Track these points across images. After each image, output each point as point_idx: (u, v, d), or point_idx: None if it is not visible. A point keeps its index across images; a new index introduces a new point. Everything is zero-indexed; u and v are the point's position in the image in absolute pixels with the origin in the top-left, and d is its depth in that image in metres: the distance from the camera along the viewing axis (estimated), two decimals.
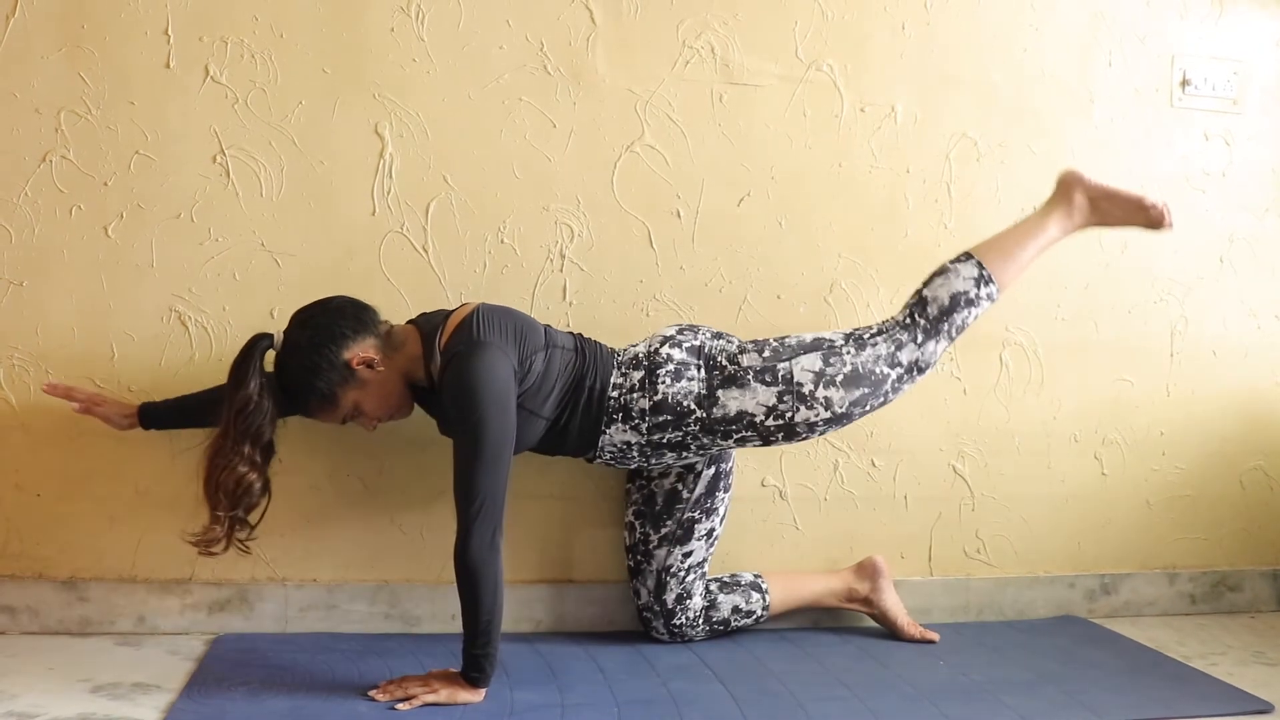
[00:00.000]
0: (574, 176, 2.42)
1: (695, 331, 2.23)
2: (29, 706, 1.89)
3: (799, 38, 2.51)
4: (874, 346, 2.17)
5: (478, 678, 1.97)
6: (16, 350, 2.27)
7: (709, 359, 2.16)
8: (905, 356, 2.17)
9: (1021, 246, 2.24)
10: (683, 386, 2.12)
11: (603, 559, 2.46)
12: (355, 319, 2.05)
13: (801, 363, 2.14)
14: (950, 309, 2.19)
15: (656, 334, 2.25)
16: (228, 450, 1.95)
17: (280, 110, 2.31)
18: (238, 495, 1.95)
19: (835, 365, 2.14)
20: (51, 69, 2.25)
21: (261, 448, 1.98)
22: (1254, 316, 2.78)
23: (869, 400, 2.16)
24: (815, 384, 2.12)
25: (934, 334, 2.18)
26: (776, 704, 2.04)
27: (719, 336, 2.24)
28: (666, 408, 2.12)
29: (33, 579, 2.28)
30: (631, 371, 2.15)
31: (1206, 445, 2.77)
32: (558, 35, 2.40)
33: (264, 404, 1.97)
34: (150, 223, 2.29)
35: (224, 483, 1.94)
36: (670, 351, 2.16)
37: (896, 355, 2.17)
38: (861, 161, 2.55)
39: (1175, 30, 2.69)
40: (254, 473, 1.96)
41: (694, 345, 2.18)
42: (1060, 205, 2.26)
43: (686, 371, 2.14)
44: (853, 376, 2.14)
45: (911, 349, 2.17)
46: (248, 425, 1.95)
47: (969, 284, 2.20)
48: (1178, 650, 2.46)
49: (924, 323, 2.19)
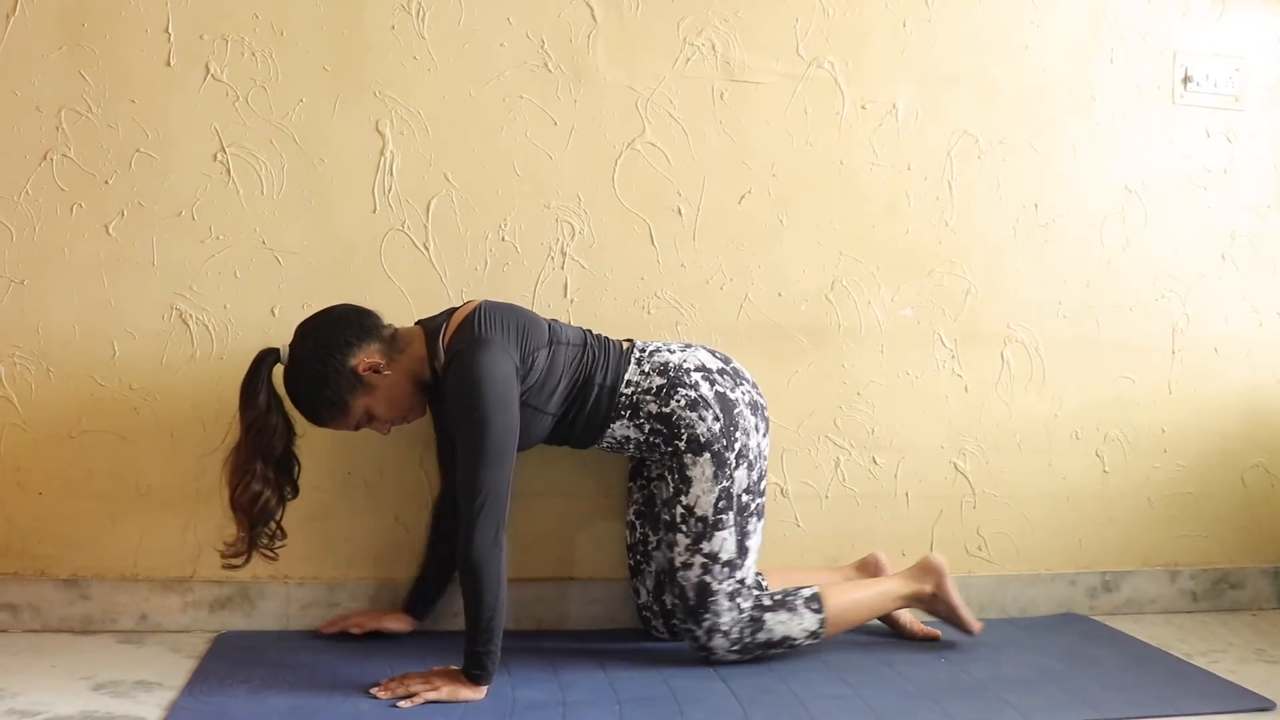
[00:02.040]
0: (575, 174, 2.42)
1: (738, 380, 2.22)
2: (31, 704, 1.89)
3: (800, 35, 2.51)
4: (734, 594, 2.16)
5: (480, 675, 1.97)
6: (18, 348, 2.27)
7: (727, 431, 2.15)
8: (727, 617, 2.16)
9: (863, 616, 2.30)
10: (691, 418, 2.14)
11: (604, 557, 2.46)
12: (358, 325, 2.05)
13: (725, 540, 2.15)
14: (778, 644, 2.20)
15: (695, 347, 2.25)
16: (243, 468, 2.00)
17: (281, 108, 2.31)
18: (254, 512, 2.01)
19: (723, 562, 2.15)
20: (52, 67, 2.24)
21: (275, 463, 2.02)
22: (1256, 314, 2.78)
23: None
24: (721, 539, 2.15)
25: (747, 651, 2.19)
26: (778, 701, 2.04)
27: (755, 409, 2.21)
28: (669, 424, 2.14)
29: (35, 577, 2.29)
30: (654, 375, 2.16)
31: (1208, 443, 2.77)
32: (558, 32, 2.40)
33: (273, 420, 2.00)
34: (151, 221, 2.29)
35: (240, 500, 2.00)
36: (700, 381, 2.17)
37: (732, 602, 2.16)
38: (862, 159, 2.55)
39: (1177, 27, 2.69)
40: (268, 489, 2.00)
41: (728, 399, 2.18)
42: (912, 585, 2.33)
43: (707, 413, 2.14)
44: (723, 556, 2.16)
45: (730, 619, 2.16)
46: (259, 443, 2.00)
47: (803, 635, 2.21)
48: (1179, 648, 2.45)
49: (746, 640, 2.18)
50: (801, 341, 2.54)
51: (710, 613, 2.15)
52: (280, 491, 2.04)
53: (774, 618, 2.19)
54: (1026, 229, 2.64)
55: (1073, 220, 2.66)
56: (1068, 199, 2.65)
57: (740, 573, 2.17)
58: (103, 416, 2.29)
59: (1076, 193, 2.66)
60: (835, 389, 2.56)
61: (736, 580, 2.16)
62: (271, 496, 2.01)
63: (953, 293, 2.60)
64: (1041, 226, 2.64)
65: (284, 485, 2.05)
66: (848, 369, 2.56)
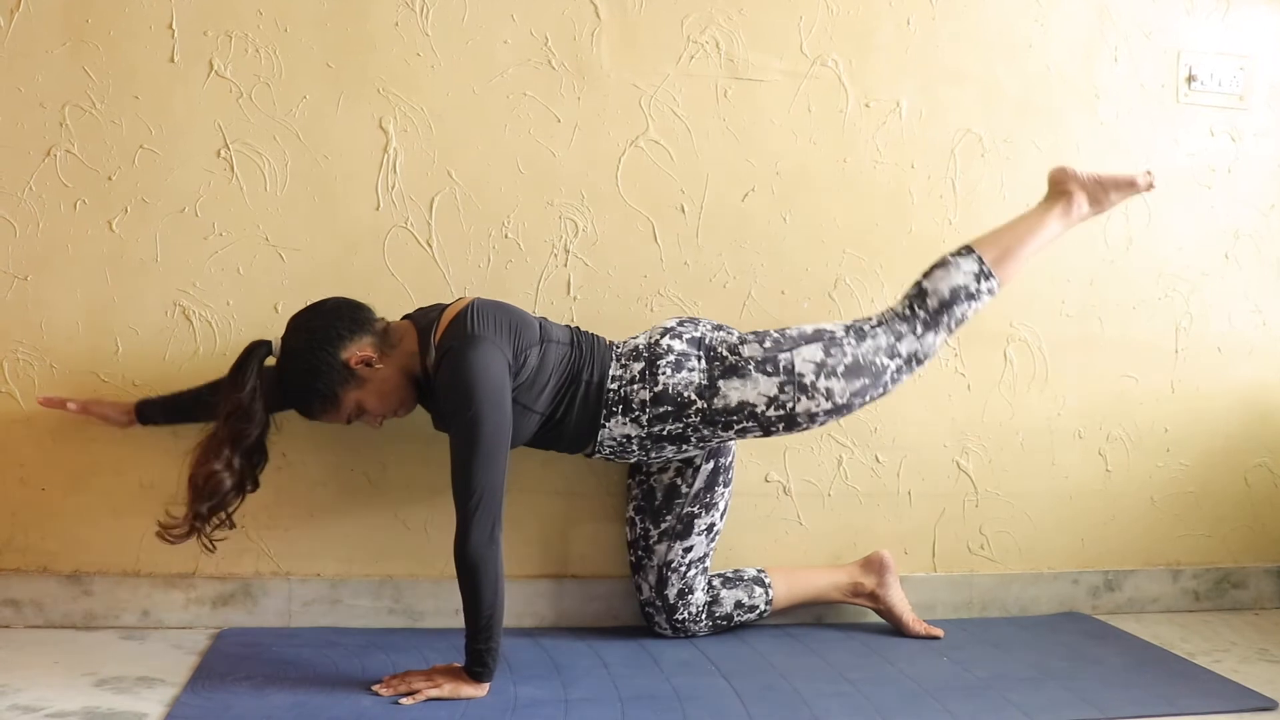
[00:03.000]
0: (578, 171, 2.42)
1: (695, 324, 2.23)
2: (33, 700, 1.90)
3: (804, 32, 2.50)
4: (874, 338, 2.17)
5: (481, 672, 1.97)
6: (21, 345, 2.27)
7: (710, 350, 2.16)
8: (904, 348, 2.18)
9: (1022, 243, 2.25)
10: (683, 377, 2.12)
11: (605, 554, 2.46)
12: (350, 319, 2.05)
13: (803, 353, 2.14)
14: (950, 302, 2.19)
15: (656, 326, 2.25)
16: (210, 449, 1.98)
17: (284, 105, 2.31)
18: (204, 492, 1.97)
19: (836, 356, 2.14)
20: (56, 63, 2.24)
21: (243, 452, 1.99)
22: (1259, 313, 2.78)
23: (869, 391, 2.16)
24: (816, 374, 2.12)
25: (933, 326, 2.19)
26: (780, 699, 2.04)
27: (719, 328, 2.23)
28: (667, 399, 2.12)
29: (37, 573, 2.29)
30: (631, 363, 2.15)
31: (1211, 442, 2.77)
32: (562, 30, 2.40)
33: (254, 409, 1.99)
34: (154, 217, 2.29)
35: (195, 477, 1.98)
36: (671, 343, 2.16)
37: (896, 346, 2.18)
38: (866, 157, 2.55)
39: (1181, 26, 2.69)
40: (226, 473, 1.98)
41: (694, 336, 2.18)
42: (1058, 202, 2.27)
43: (687, 362, 2.14)
44: (853, 367, 2.14)
45: (910, 340, 2.18)
46: (233, 429, 1.98)
47: (969, 278, 2.20)
48: (1182, 647, 2.45)
49: (923, 315, 2.19)
50: None
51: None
52: (240, 481, 2.00)
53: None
54: None
55: None
56: None
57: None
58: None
59: None
60: None
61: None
62: (228, 480, 1.98)
63: None
64: None
65: (245, 476, 2.02)
66: None
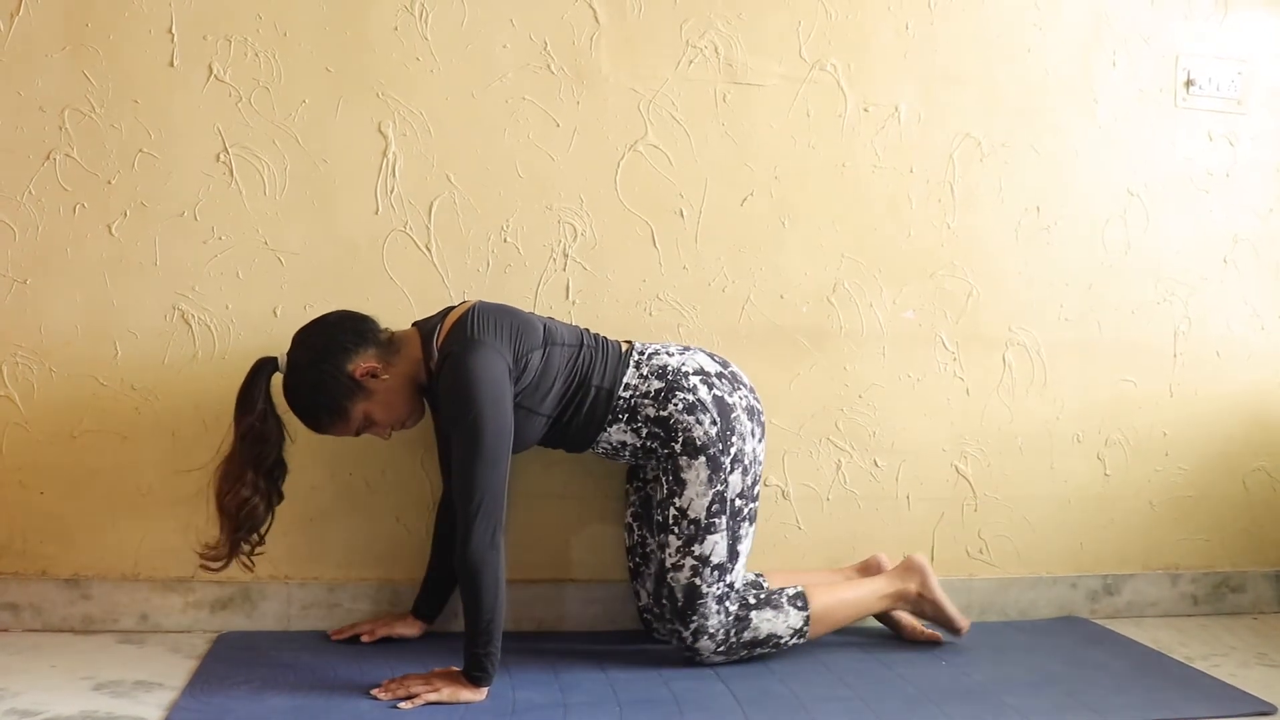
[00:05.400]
0: (577, 176, 2.42)
1: (735, 385, 2.21)
2: (31, 704, 1.89)
3: (802, 37, 2.51)
4: (716, 600, 2.16)
5: (480, 676, 1.97)
6: (20, 348, 2.27)
7: (723, 435, 2.15)
8: (714, 620, 2.17)
9: (849, 614, 2.32)
10: (688, 421, 2.13)
11: (604, 558, 2.46)
12: (354, 331, 2.05)
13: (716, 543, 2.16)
14: (764, 642, 2.21)
15: (694, 350, 2.24)
16: (234, 475, 2.00)
17: (284, 109, 2.31)
18: (240, 519, 2.01)
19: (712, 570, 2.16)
20: (55, 67, 2.25)
21: (265, 472, 2.02)
22: (1257, 317, 2.78)
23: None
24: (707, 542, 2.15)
25: (732, 652, 2.20)
26: (779, 704, 2.04)
27: (751, 414, 2.21)
28: (666, 427, 2.14)
29: (36, 577, 2.29)
30: (653, 379, 2.16)
31: (1209, 446, 2.77)
32: (561, 34, 2.40)
33: (268, 430, 2.01)
34: (153, 221, 2.29)
35: (228, 506, 2.00)
36: (698, 385, 2.16)
37: (720, 605, 2.17)
38: (864, 161, 2.55)
39: (1179, 30, 2.69)
40: (257, 496, 2.01)
41: (723, 401, 2.17)
42: (896, 584, 2.35)
43: (704, 416, 2.14)
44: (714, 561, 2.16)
45: (717, 621, 2.17)
46: (252, 452, 2.00)
47: (789, 632, 2.22)
48: (1180, 651, 2.45)
49: (733, 640, 2.18)
50: (803, 344, 2.54)
51: (698, 615, 2.15)
52: (269, 499, 2.04)
53: (759, 615, 2.19)
54: (1028, 232, 2.64)
55: (1074, 223, 2.66)
56: (1070, 202, 2.65)
57: (730, 576, 2.17)
58: (104, 416, 2.29)
59: (1078, 195, 2.66)
60: (837, 391, 2.56)
61: (725, 584, 2.16)
62: (260, 504, 2.02)
63: (954, 295, 2.60)
64: (1043, 229, 2.64)
65: (272, 493, 2.05)
66: (849, 371, 2.56)
